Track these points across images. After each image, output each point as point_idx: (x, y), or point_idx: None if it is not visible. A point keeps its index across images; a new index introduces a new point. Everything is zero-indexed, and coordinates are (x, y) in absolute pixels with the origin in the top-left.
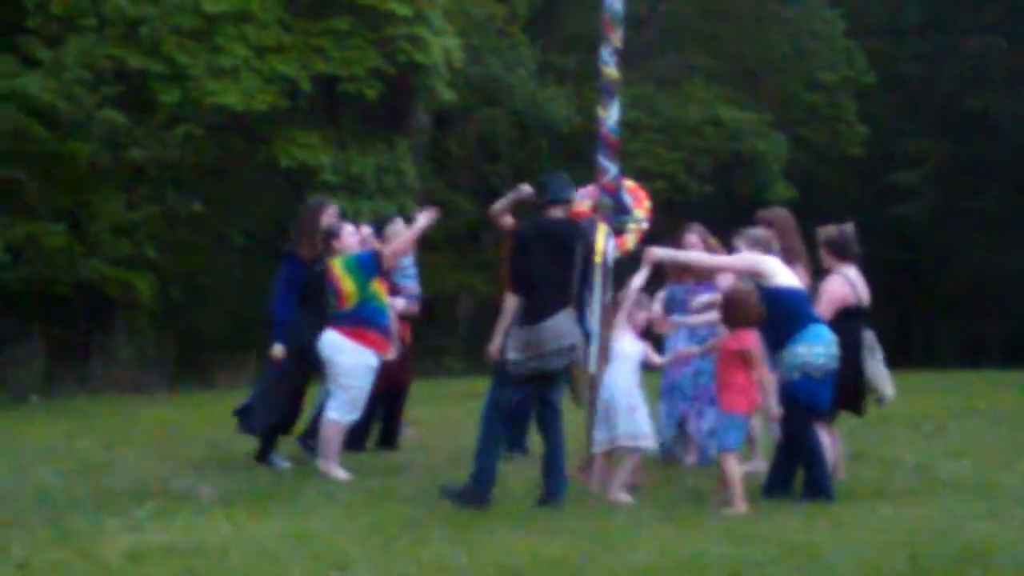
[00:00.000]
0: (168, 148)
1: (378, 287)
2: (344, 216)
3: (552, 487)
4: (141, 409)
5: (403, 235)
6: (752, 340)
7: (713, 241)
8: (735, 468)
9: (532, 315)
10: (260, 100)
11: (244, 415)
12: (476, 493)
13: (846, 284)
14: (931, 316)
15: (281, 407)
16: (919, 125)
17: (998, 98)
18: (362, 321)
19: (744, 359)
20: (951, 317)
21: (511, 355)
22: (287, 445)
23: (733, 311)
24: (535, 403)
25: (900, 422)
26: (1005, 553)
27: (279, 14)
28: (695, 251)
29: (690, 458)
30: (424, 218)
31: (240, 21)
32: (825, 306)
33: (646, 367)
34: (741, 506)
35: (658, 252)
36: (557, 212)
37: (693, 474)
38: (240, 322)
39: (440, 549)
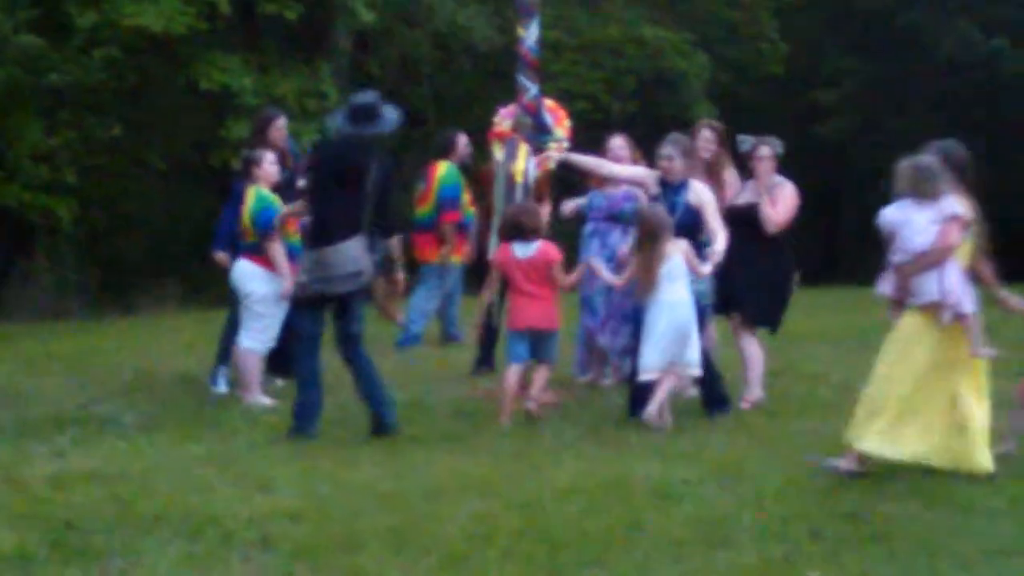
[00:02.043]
0: (86, 72)
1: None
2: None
3: (378, 416)
4: (62, 335)
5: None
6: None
7: (637, 154)
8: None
9: (318, 239)
10: (179, 22)
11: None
12: (299, 426)
13: (796, 193)
14: (856, 234)
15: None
16: (841, 43)
17: (921, 14)
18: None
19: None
20: (877, 236)
21: (299, 278)
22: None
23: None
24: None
25: (824, 338)
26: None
27: None
28: (621, 156)
29: (608, 379)
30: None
31: None
32: (784, 213)
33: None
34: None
35: (573, 157)
36: (367, 132)
37: (613, 393)
38: (162, 247)
39: (365, 471)
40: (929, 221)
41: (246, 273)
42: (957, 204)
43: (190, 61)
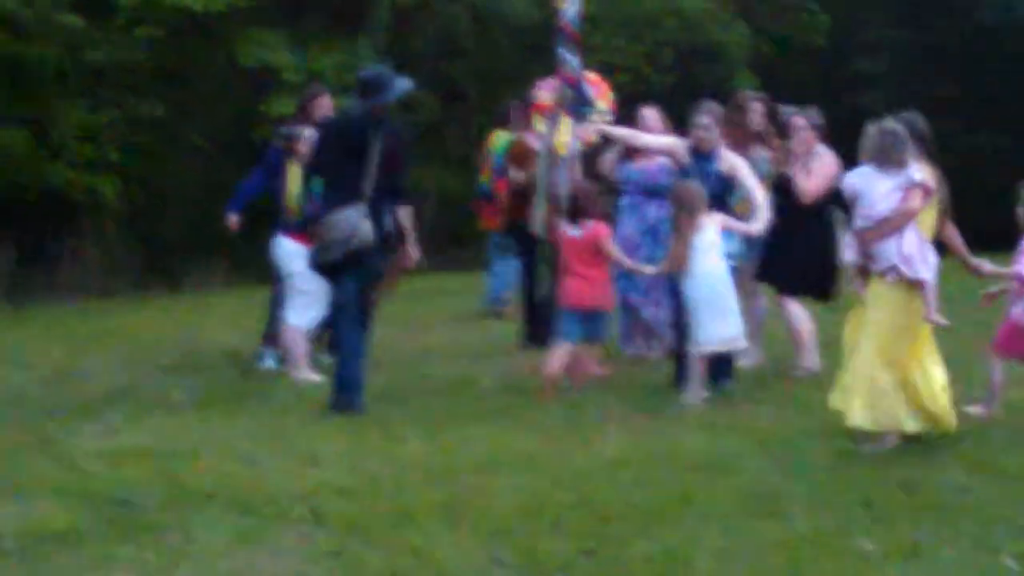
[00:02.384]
0: (128, 51)
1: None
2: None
3: (336, 394)
4: (110, 314)
5: None
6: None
7: (668, 125)
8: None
9: (325, 208)
10: (219, 0)
11: None
12: (339, 399)
13: (836, 163)
14: None
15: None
16: (879, 13)
17: None
18: None
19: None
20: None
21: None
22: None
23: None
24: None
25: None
26: (976, 436)
27: None
28: (653, 128)
29: (655, 351)
30: None
31: None
32: (818, 184)
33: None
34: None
35: (606, 129)
36: (378, 110)
37: (660, 365)
38: (205, 224)
39: (413, 447)
40: (892, 188)
41: (288, 251)
42: (920, 172)
43: (230, 38)
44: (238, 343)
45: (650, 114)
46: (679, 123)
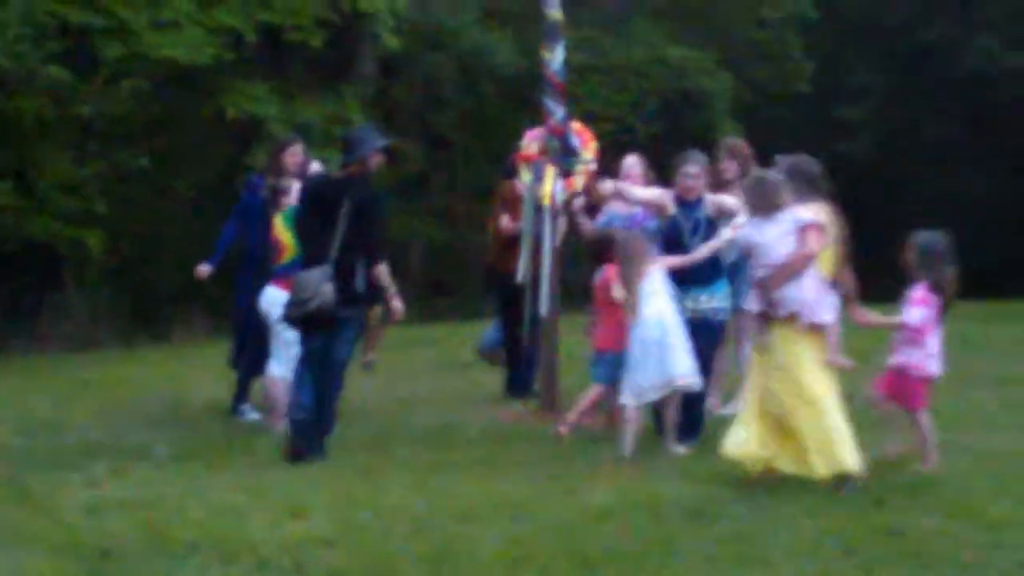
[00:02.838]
0: (114, 103)
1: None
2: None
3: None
4: (94, 366)
5: None
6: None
7: (651, 174)
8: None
9: (299, 266)
10: (204, 52)
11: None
12: (292, 445)
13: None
14: (879, 249)
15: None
16: (865, 59)
17: (944, 29)
18: None
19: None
20: (899, 250)
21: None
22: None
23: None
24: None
25: (852, 354)
26: (957, 482)
27: None
28: (635, 175)
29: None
30: None
31: None
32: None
33: None
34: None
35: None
36: (354, 168)
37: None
38: (192, 276)
39: (397, 495)
40: (782, 232)
41: (273, 300)
42: (807, 213)
43: (216, 90)
44: (222, 394)
45: (632, 162)
46: (662, 172)
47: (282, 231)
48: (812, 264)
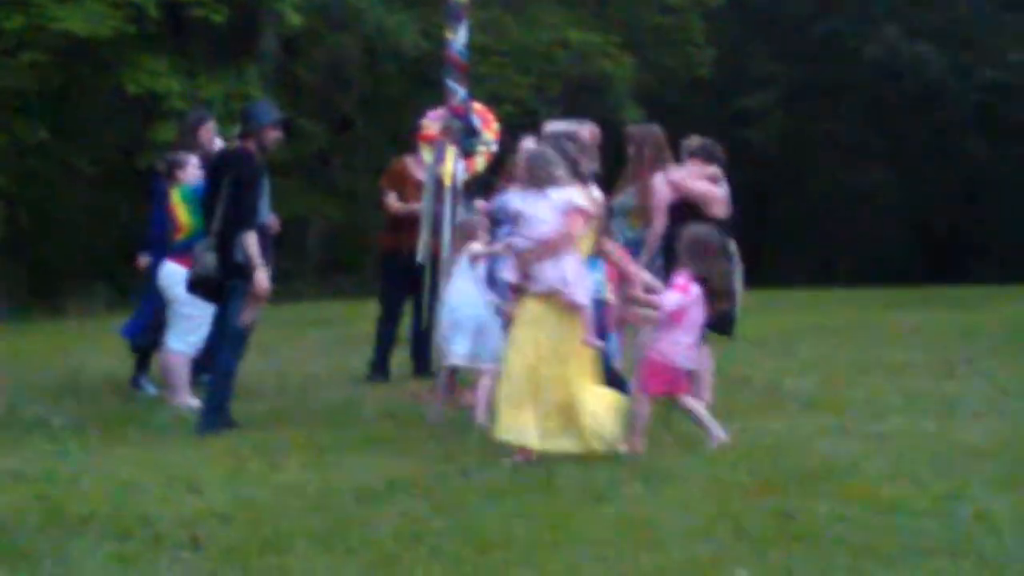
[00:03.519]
0: (13, 76)
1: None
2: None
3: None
4: None
5: None
6: None
7: None
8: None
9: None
10: (106, 26)
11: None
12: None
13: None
14: (781, 238)
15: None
16: (768, 48)
17: (848, 21)
18: None
19: None
20: (801, 239)
21: None
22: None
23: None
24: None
25: (749, 340)
26: (851, 466)
27: None
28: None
29: None
30: None
31: None
32: (724, 208)
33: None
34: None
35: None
36: (251, 144)
37: None
38: (90, 250)
39: (294, 473)
40: (550, 209)
41: (174, 276)
42: (579, 196)
43: (117, 65)
44: (120, 369)
45: (529, 144)
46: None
47: (179, 207)
48: (572, 245)
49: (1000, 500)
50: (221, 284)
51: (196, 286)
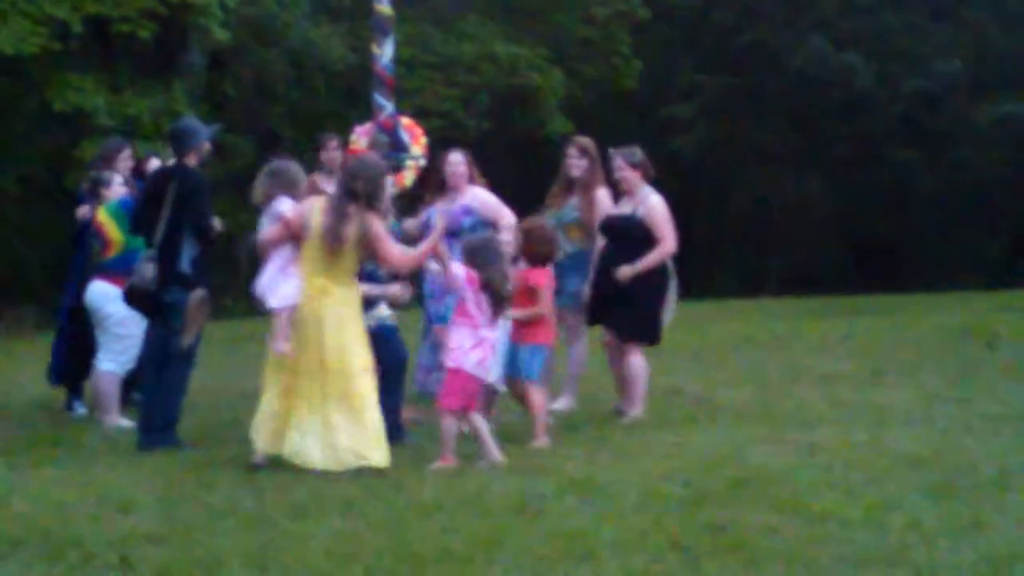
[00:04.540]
0: None
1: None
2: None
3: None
4: None
5: None
6: (543, 277)
7: (476, 170)
8: (541, 399)
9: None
10: (31, 43)
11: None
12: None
13: (664, 203)
14: (710, 249)
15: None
16: (694, 59)
17: (773, 30)
18: (131, 269)
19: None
20: (729, 250)
21: None
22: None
23: (531, 246)
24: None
25: (681, 351)
26: (783, 477)
27: None
28: (460, 173)
29: None
30: None
31: None
32: (669, 228)
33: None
34: (544, 439)
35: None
36: (191, 160)
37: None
38: (17, 271)
39: (226, 492)
40: (268, 220)
41: (103, 294)
42: (285, 206)
43: (43, 82)
44: (49, 391)
45: (456, 159)
46: (491, 167)
47: (107, 225)
48: (271, 251)
49: (932, 509)
50: (157, 298)
51: (132, 298)
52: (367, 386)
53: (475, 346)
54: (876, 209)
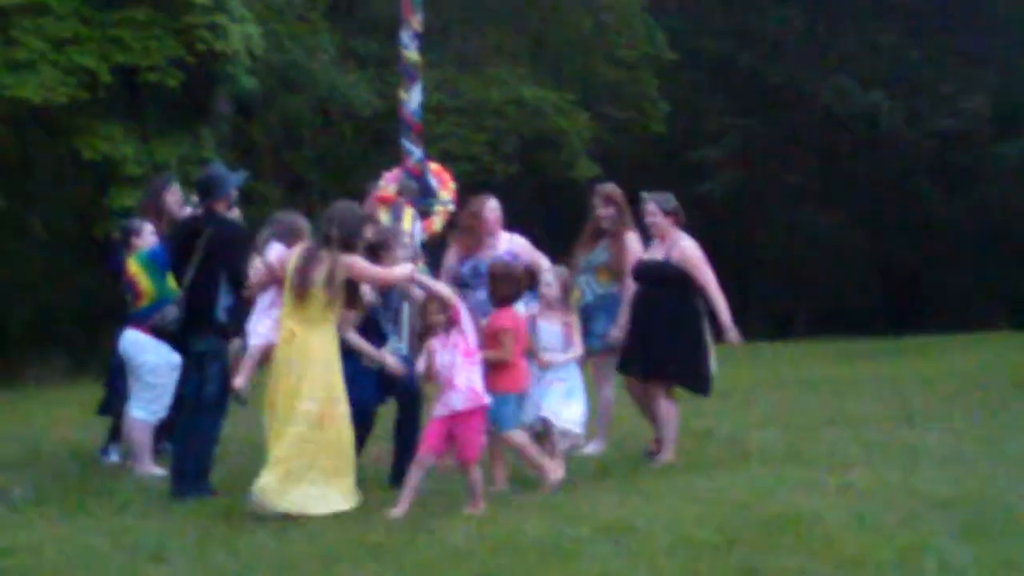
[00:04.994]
0: None
1: (173, 282)
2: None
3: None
4: None
5: None
6: (508, 319)
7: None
8: (522, 438)
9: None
10: (60, 92)
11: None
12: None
13: (697, 247)
14: (738, 291)
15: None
16: (721, 101)
17: (799, 71)
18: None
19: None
20: (758, 291)
21: None
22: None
23: (496, 286)
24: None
25: (711, 394)
26: (815, 519)
27: (75, 5)
28: (495, 219)
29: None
30: None
31: (36, 13)
32: (707, 267)
33: None
34: (556, 473)
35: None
36: (220, 207)
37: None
38: (47, 318)
39: (259, 538)
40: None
41: (135, 343)
42: (274, 252)
43: (72, 131)
44: (81, 438)
45: (495, 204)
46: (519, 211)
47: (139, 274)
48: (257, 294)
49: (964, 550)
50: (184, 343)
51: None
52: (299, 433)
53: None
54: (904, 247)
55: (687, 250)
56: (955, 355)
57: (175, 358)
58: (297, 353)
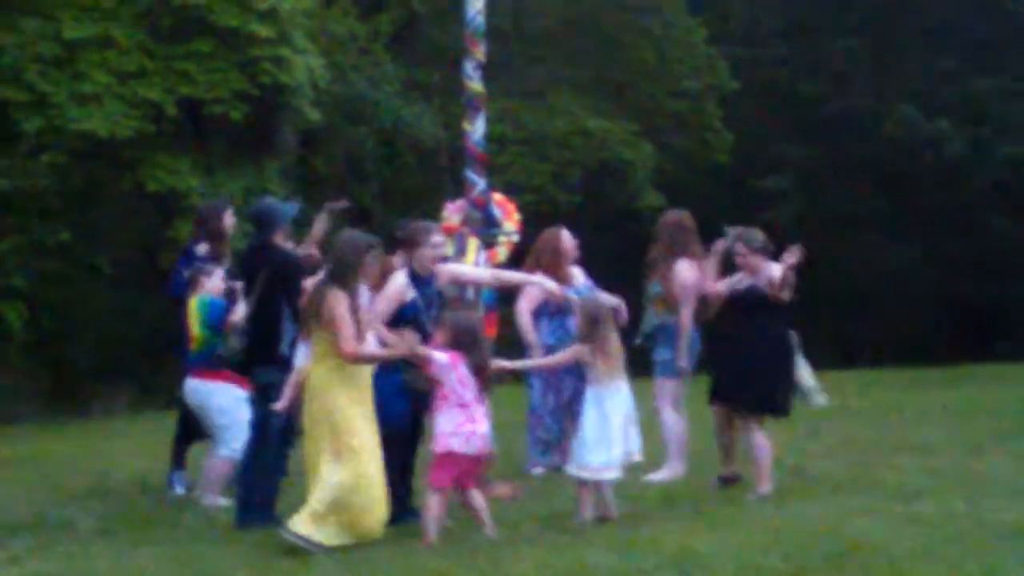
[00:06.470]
0: (33, 177)
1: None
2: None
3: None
4: (15, 440)
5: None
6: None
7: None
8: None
9: None
10: (125, 125)
11: None
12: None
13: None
14: (803, 319)
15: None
16: (784, 130)
17: (862, 99)
18: (215, 361)
19: None
20: (822, 319)
21: None
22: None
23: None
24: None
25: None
26: (881, 549)
27: (141, 39)
28: (571, 248)
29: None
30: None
31: (101, 47)
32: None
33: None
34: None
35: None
36: (279, 239)
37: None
38: (112, 350)
39: (323, 569)
40: None
41: (194, 391)
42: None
43: (137, 164)
44: (146, 469)
45: (569, 235)
46: (583, 242)
47: (192, 317)
48: None
49: None
50: (251, 372)
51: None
52: (323, 471)
53: (464, 423)
54: (970, 276)
55: (775, 274)
56: (1023, 384)
57: (239, 392)
58: (307, 389)
